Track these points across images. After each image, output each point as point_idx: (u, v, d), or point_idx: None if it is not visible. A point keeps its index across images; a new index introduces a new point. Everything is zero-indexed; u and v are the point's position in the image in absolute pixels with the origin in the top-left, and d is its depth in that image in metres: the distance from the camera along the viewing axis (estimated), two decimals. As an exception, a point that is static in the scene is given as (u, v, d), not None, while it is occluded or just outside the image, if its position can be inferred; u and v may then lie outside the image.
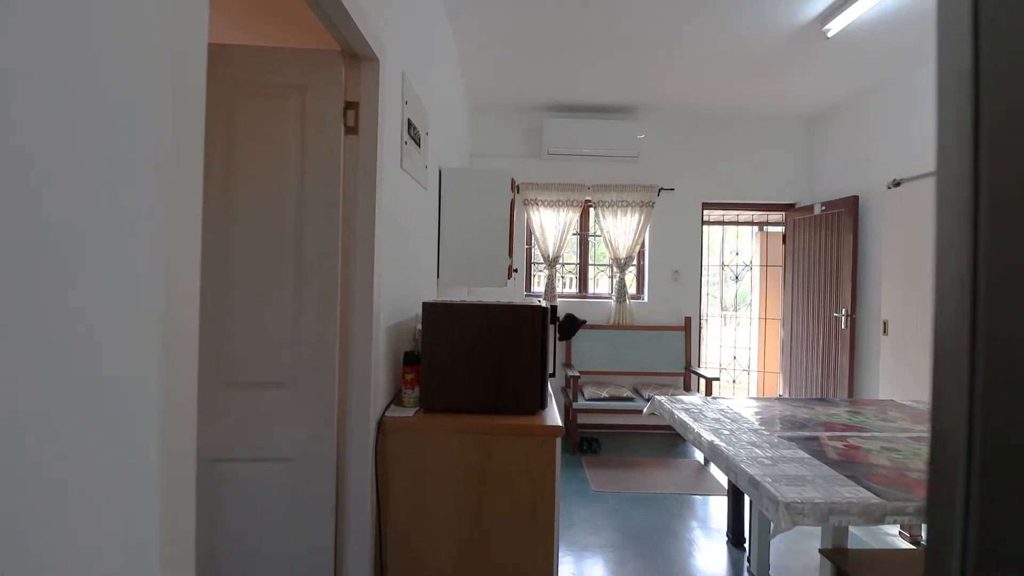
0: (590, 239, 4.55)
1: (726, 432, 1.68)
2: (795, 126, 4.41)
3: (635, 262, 4.48)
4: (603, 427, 4.23)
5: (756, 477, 1.31)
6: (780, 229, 5.04)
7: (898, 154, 3.36)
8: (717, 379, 3.72)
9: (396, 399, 1.62)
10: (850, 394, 3.66)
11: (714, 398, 2.22)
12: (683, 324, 4.27)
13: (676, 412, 1.95)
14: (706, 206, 4.45)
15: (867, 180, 3.63)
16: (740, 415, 1.93)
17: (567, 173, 4.32)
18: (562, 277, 4.60)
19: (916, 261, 3.15)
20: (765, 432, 1.70)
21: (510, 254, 2.68)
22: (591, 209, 4.46)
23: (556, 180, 4.28)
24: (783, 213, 4.56)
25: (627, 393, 3.76)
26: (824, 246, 3.97)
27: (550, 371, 1.61)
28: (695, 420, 1.82)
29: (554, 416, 1.51)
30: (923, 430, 1.80)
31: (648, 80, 3.63)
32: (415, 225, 2.01)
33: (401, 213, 1.75)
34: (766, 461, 1.42)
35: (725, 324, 8.15)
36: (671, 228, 4.37)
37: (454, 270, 2.58)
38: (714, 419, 1.85)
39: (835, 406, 2.14)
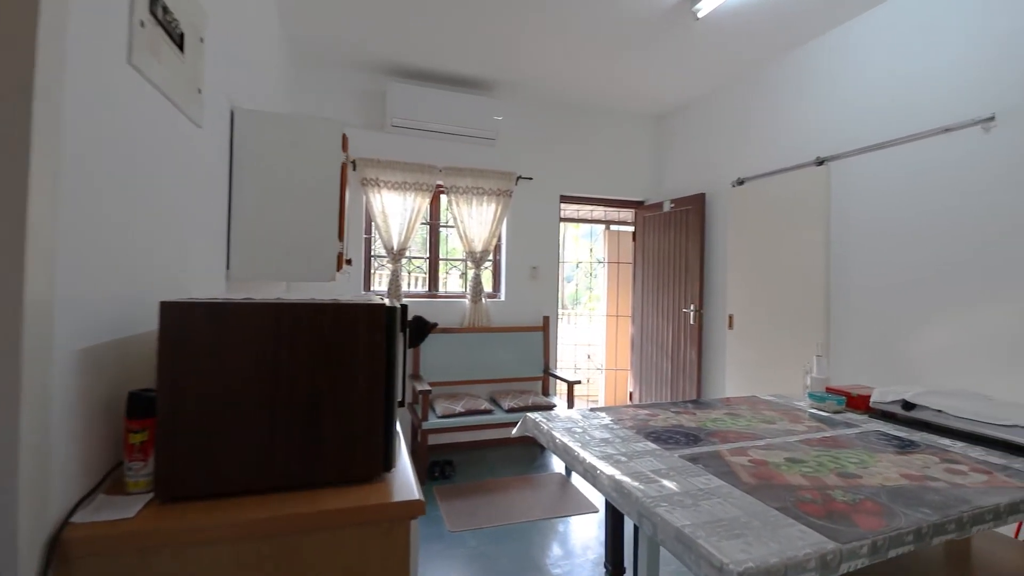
0: (442, 230, 4.08)
1: (623, 459, 1.35)
2: (647, 123, 4.55)
3: (491, 257, 4.15)
4: (457, 446, 3.79)
5: (685, 531, 0.97)
6: (626, 228, 5.21)
7: (742, 154, 3.58)
8: (579, 382, 3.55)
9: (106, 483, 0.92)
10: (698, 388, 3.81)
11: (592, 409, 1.92)
12: (542, 324, 4.06)
13: (557, 435, 1.58)
14: (564, 199, 4.32)
15: (713, 178, 3.83)
16: (628, 431, 1.64)
17: (415, 151, 3.79)
18: (409, 273, 4.04)
19: (758, 257, 3.35)
20: (664, 453, 1.42)
21: (341, 237, 2.06)
22: (443, 195, 3.99)
23: (402, 158, 3.71)
24: (633, 210, 4.67)
25: (485, 405, 3.37)
26: (673, 243, 4.11)
27: (398, 399, 1.08)
28: (583, 446, 1.47)
29: (406, 481, 0.97)
30: (805, 430, 1.72)
31: (508, 52, 3.30)
32: (175, 180, 1.29)
33: (133, 149, 1.05)
34: (684, 499, 1.11)
35: (568, 322, 8.39)
36: (530, 221, 4.13)
37: (255, 258, 1.86)
38: (602, 440, 1.53)
39: (712, 408, 2.01)
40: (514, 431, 1.87)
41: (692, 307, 3.86)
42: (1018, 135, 2.07)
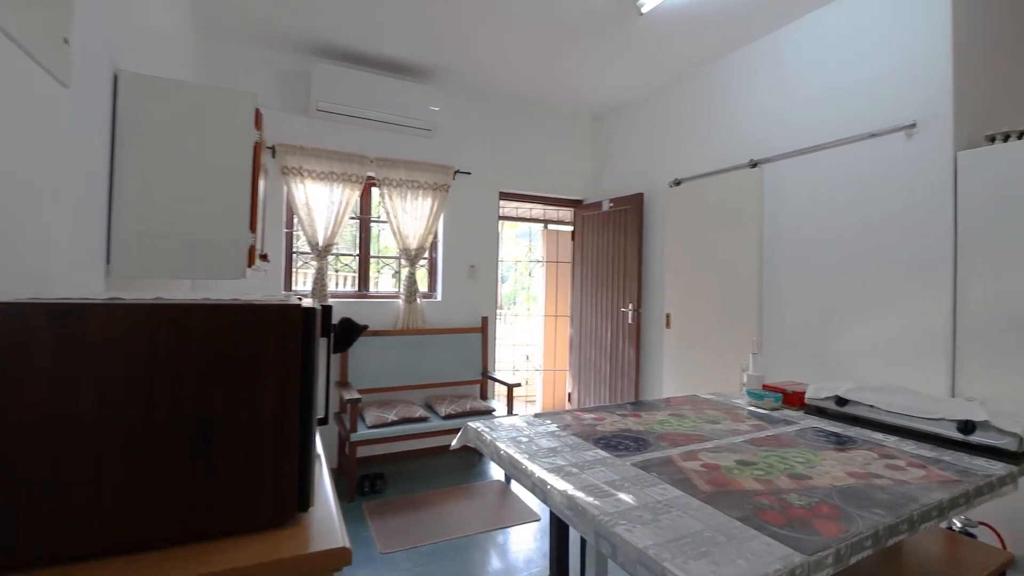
0: (374, 225, 3.84)
1: (574, 471, 1.26)
2: (587, 121, 4.55)
3: (427, 255, 3.96)
4: (389, 456, 3.57)
5: (650, 553, 0.89)
6: (564, 227, 5.21)
7: (679, 154, 3.65)
8: (519, 384, 3.46)
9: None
10: (636, 387, 3.84)
11: (537, 416, 1.82)
12: (480, 325, 3.93)
13: (502, 446, 1.46)
14: (503, 196, 4.22)
15: (651, 178, 3.88)
16: (576, 439, 1.55)
17: (344, 139, 3.54)
18: (337, 272, 3.77)
19: (694, 256, 3.42)
20: (616, 461, 1.35)
21: (253, 228, 1.82)
22: (374, 188, 3.76)
23: (329, 146, 3.45)
24: (572, 209, 4.66)
25: (420, 412, 3.19)
26: (612, 242, 4.13)
27: (320, 415, 0.91)
28: (531, 457, 1.36)
29: (328, 522, 0.79)
30: (748, 429, 1.72)
31: (447, 38, 3.14)
32: (24, 150, 1.04)
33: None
34: (644, 514, 1.03)
35: (504, 323, 8.32)
36: (468, 217, 4.00)
37: (144, 251, 1.59)
38: (550, 449, 1.43)
39: (656, 409, 1.98)
40: (454, 443, 1.73)
41: (631, 306, 3.89)
42: (936, 140, 2.22)
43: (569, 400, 4.67)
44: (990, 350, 2.05)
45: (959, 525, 1.94)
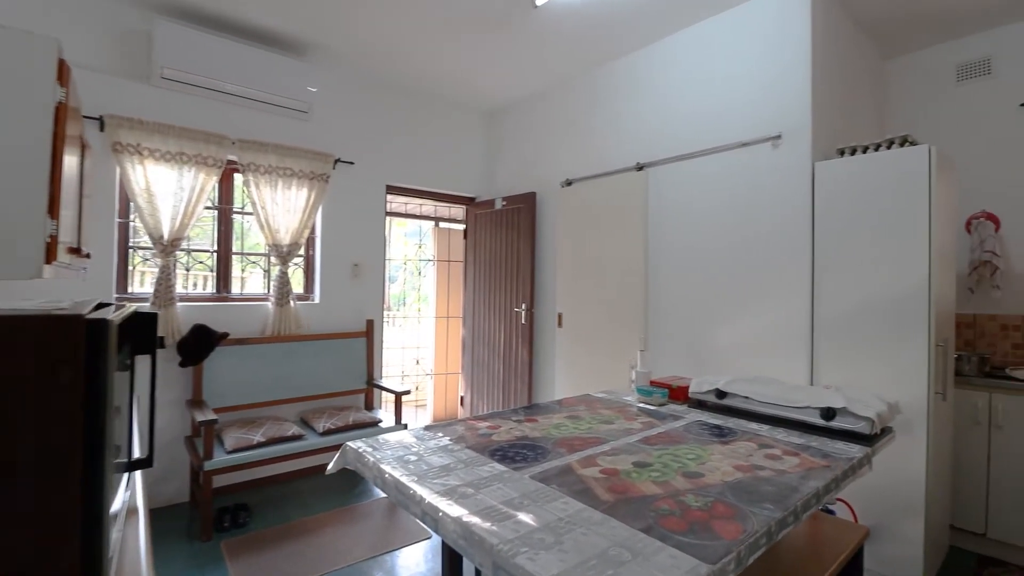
0: (237, 217, 3.38)
1: (469, 492, 1.14)
2: (480, 117, 4.47)
3: (303, 252, 3.60)
4: (257, 483, 3.17)
5: (554, 585, 0.80)
6: (456, 226, 5.09)
7: (570, 155, 3.70)
8: (407, 392, 3.26)
9: None
10: (529, 388, 3.84)
11: (427, 428, 1.68)
12: (365, 329, 3.66)
13: (387, 469, 1.29)
14: (390, 190, 3.98)
15: (544, 177, 3.90)
16: (470, 452, 1.44)
17: (199, 115, 3.07)
18: (189, 271, 3.26)
19: (585, 256, 3.49)
20: (514, 475, 1.25)
21: (55, 214, 1.43)
22: (237, 174, 3.31)
23: (179, 122, 2.96)
24: (464, 206, 4.56)
25: (293, 430, 2.85)
26: (505, 241, 4.10)
27: (135, 456, 0.68)
28: (420, 480, 1.21)
29: None
30: (640, 427, 1.74)
31: (329, 8, 2.85)
32: None
33: None
34: (546, 536, 0.94)
35: (393, 325, 8.01)
36: (351, 211, 3.70)
37: None
38: (442, 468, 1.29)
39: (552, 412, 1.94)
40: (330, 466, 1.52)
41: (523, 306, 3.88)
42: (798, 151, 2.47)
43: (461, 404, 4.55)
44: (839, 342, 2.32)
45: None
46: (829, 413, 1.68)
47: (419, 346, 5.34)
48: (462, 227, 4.75)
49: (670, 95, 3.04)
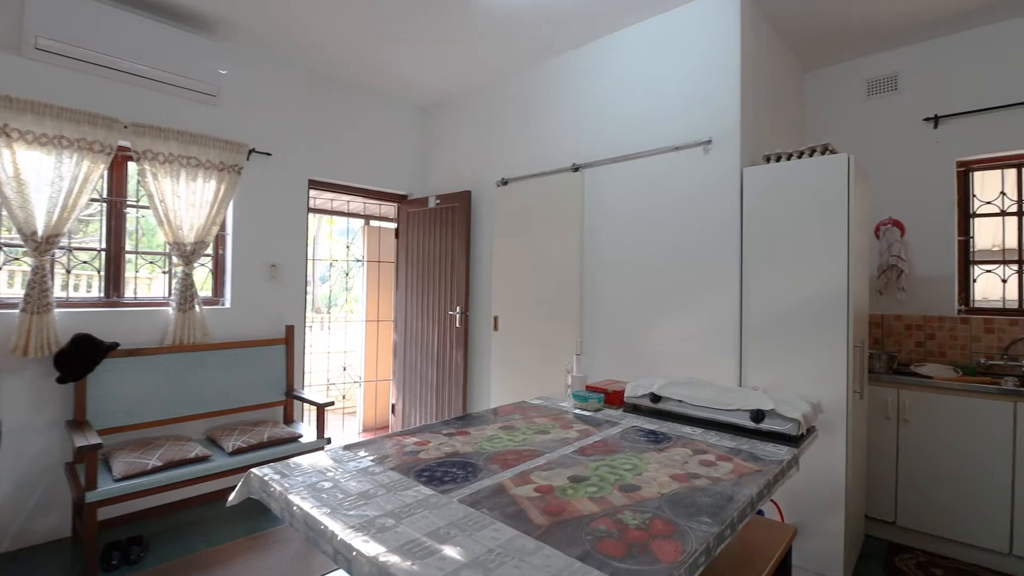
0: (131, 211, 3.04)
1: (389, 523, 1.03)
2: (413, 111, 4.31)
3: (211, 251, 3.29)
4: (154, 512, 2.85)
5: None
6: (388, 224, 4.90)
7: (506, 154, 3.64)
8: (331, 404, 3.06)
9: None
10: (464, 394, 3.74)
11: (347, 447, 1.54)
12: (284, 335, 3.41)
13: (296, 499, 1.15)
14: (314, 185, 3.74)
15: (479, 176, 3.81)
16: (394, 474, 1.32)
17: (84, 94, 2.72)
18: (70, 272, 2.89)
19: (521, 257, 3.44)
20: (441, 499, 1.16)
21: None
22: (131, 163, 2.97)
23: (58, 100, 2.61)
24: (396, 204, 4.38)
25: (197, 451, 2.58)
26: (439, 241, 3.97)
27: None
28: (333, 512, 1.08)
29: None
30: (577, 436, 1.70)
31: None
32: None
33: None
34: (475, 572, 0.85)
35: (322, 328, 7.65)
36: (268, 207, 3.44)
37: None
38: (361, 495, 1.17)
39: (485, 423, 1.86)
40: (232, 497, 1.35)
41: (458, 309, 3.78)
42: (727, 156, 2.54)
43: (393, 412, 4.37)
44: (766, 344, 2.41)
45: (747, 501, 2.22)
46: (758, 415, 1.72)
47: (346, 351, 5.08)
48: (394, 226, 4.56)
49: (606, 96, 3.06)
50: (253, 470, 1.33)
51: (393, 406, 4.38)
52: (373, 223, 5.05)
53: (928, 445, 2.54)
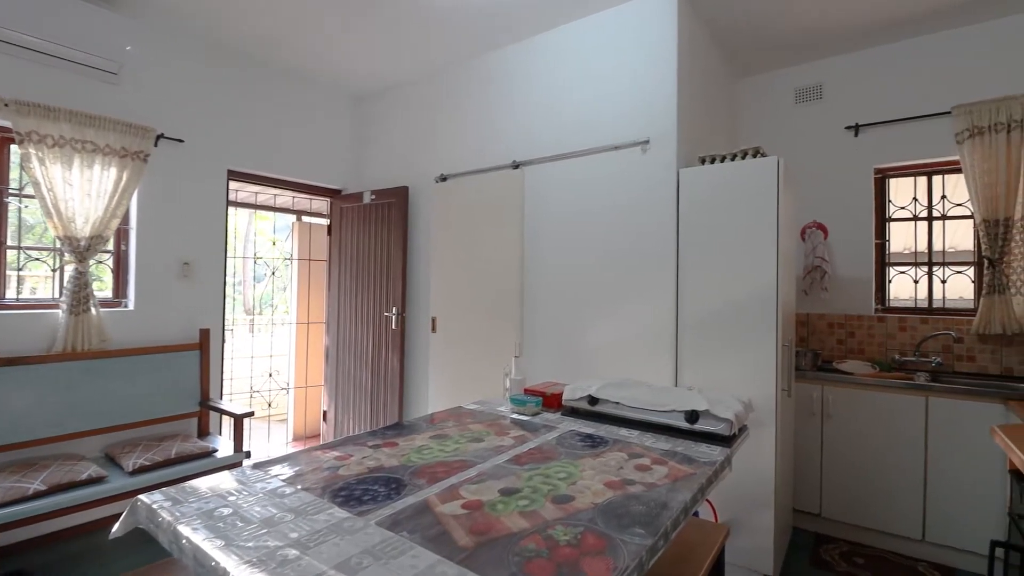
0: (12, 200, 2.69)
1: (292, 555, 0.92)
2: (347, 101, 4.11)
3: (111, 247, 2.98)
4: (39, 541, 2.53)
5: None
6: (320, 220, 4.67)
7: (446, 149, 3.54)
8: (250, 414, 2.85)
9: None
10: (400, 399, 3.61)
11: (258, 466, 1.40)
12: (198, 341, 3.14)
13: (186, 531, 1.01)
14: (234, 176, 3.48)
15: (418, 172, 3.69)
16: (308, 495, 1.21)
17: (-56, 61, 2.37)
18: (-65, 267, 2.52)
19: (460, 256, 3.35)
20: (357, 523, 1.05)
21: None
22: (14, 146, 2.64)
23: (-91, 67, 2.26)
24: (328, 199, 4.17)
25: (90, 472, 2.32)
26: (375, 238, 3.81)
27: None
28: (228, 544, 0.95)
29: None
30: (512, 443, 1.64)
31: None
32: None
33: None
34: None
35: (251, 332, 7.25)
36: (181, 199, 3.16)
37: None
38: (264, 522, 1.05)
39: (417, 432, 1.76)
40: (115, 529, 1.19)
41: (394, 310, 3.63)
42: (665, 157, 2.56)
43: (324, 419, 4.16)
44: (700, 343, 2.45)
45: (683, 501, 2.25)
46: (693, 416, 1.72)
47: (272, 355, 4.79)
48: (326, 222, 4.35)
49: (547, 93, 3.02)
50: (141, 496, 1.18)
51: (325, 413, 4.16)
52: (305, 219, 4.79)
53: (850, 439, 2.68)
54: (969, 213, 2.91)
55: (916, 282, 3.10)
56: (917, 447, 2.52)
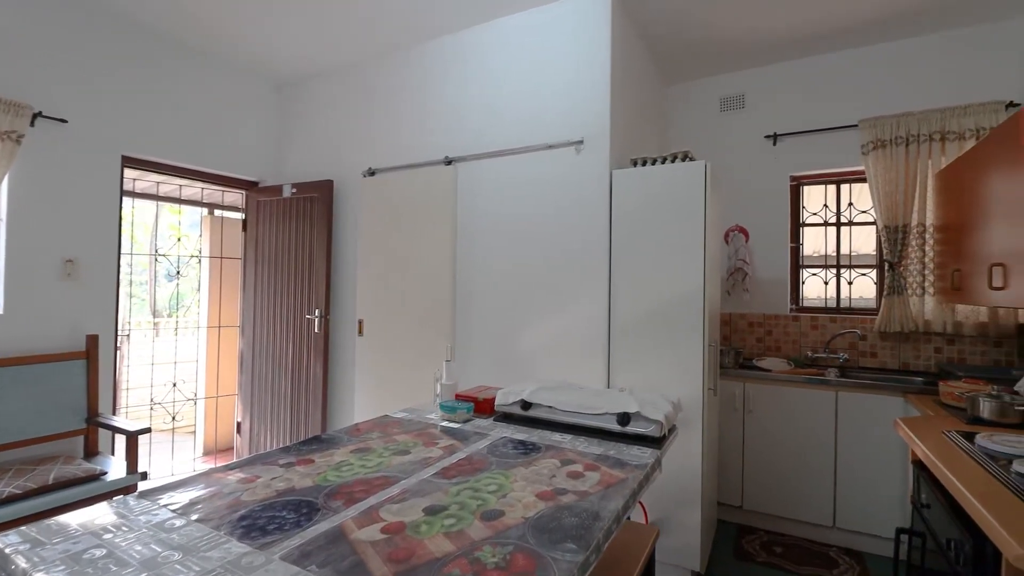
0: None
1: (176, 600, 0.79)
2: (265, 87, 3.83)
3: (-25, 240, 2.59)
4: None
5: None
6: (234, 214, 4.35)
7: (375, 142, 3.38)
8: (148, 430, 2.57)
9: None
10: (324, 408, 3.41)
11: (144, 495, 1.23)
12: (84, 349, 2.80)
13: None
14: (130, 163, 3.14)
15: (344, 165, 3.51)
16: (203, 527, 1.07)
17: None
18: None
19: (389, 255, 3.21)
20: (258, 558, 0.94)
21: None
22: None
23: None
24: (243, 192, 3.88)
25: (-57, 503, 1.98)
26: (296, 235, 3.58)
27: None
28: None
29: None
30: (440, 454, 1.56)
31: None
32: None
33: None
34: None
35: (158, 336, 6.71)
36: (63, 187, 2.80)
37: None
38: (143, 563, 0.91)
39: (338, 445, 1.64)
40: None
41: (317, 312, 3.43)
42: (598, 158, 2.57)
43: (239, 431, 3.86)
44: (631, 345, 2.48)
45: (614, 503, 2.26)
46: (624, 419, 1.72)
47: (176, 362, 4.39)
48: (241, 216, 4.04)
49: (482, 87, 2.96)
50: (-12, 541, 0.99)
51: (239, 425, 3.87)
52: (217, 213, 4.44)
53: (768, 433, 2.83)
54: (872, 220, 3.16)
55: (826, 283, 3.33)
56: (828, 439, 2.69)
